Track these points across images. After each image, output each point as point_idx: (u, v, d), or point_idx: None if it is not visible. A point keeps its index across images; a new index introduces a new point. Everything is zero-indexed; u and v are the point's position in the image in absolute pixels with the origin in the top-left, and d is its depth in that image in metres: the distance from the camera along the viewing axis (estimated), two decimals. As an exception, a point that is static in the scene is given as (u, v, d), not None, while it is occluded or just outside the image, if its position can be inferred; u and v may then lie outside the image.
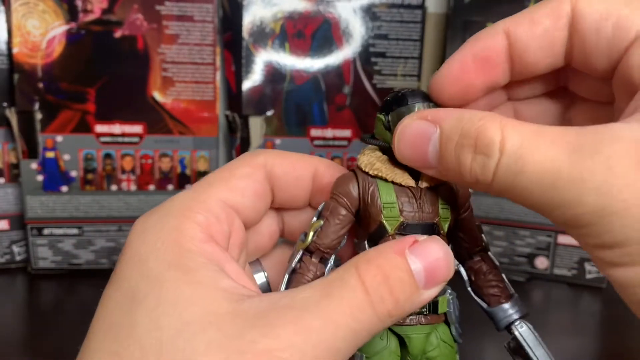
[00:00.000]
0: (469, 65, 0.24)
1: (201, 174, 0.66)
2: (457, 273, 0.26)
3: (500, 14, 0.24)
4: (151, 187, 0.64)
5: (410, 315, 0.24)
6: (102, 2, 0.60)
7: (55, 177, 0.62)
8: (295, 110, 0.66)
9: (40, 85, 0.60)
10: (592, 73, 0.23)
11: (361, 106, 0.67)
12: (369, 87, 0.67)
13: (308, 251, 0.25)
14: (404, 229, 0.25)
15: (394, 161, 0.25)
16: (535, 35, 0.22)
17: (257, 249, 0.28)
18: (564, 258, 0.67)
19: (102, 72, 0.62)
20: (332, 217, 0.25)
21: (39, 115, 0.61)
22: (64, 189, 0.63)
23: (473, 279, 0.27)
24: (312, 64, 0.65)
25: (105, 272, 0.64)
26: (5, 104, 0.61)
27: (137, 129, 0.63)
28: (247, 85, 0.64)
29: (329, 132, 0.67)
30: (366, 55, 0.66)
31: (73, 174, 0.63)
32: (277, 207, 0.28)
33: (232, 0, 0.64)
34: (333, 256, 0.26)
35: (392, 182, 0.25)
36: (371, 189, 0.25)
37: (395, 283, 0.21)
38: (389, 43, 0.66)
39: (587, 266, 0.66)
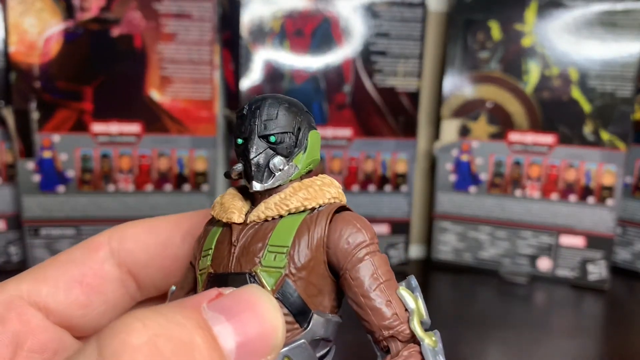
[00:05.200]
0: None
1: (199, 174, 0.65)
2: None
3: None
4: (149, 187, 0.63)
5: None
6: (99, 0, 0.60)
7: (52, 177, 0.62)
8: (294, 110, 0.65)
9: (37, 84, 0.60)
10: None
11: (362, 105, 0.67)
12: (369, 86, 0.66)
13: None
14: (209, 284, 0.18)
15: (247, 194, 0.19)
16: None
17: None
18: (567, 259, 0.66)
19: (99, 70, 0.61)
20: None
21: (35, 115, 0.60)
22: (61, 189, 0.62)
23: None
24: (312, 62, 0.65)
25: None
26: (1, 103, 0.61)
27: (135, 128, 0.63)
28: (246, 84, 0.64)
29: (329, 132, 0.66)
30: (366, 53, 0.66)
31: (70, 173, 0.62)
32: (158, 296, 0.22)
33: (231, -2, 0.63)
34: None
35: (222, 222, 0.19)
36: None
37: (174, 348, 0.13)
38: (390, 42, 0.66)
39: (590, 267, 0.65)
